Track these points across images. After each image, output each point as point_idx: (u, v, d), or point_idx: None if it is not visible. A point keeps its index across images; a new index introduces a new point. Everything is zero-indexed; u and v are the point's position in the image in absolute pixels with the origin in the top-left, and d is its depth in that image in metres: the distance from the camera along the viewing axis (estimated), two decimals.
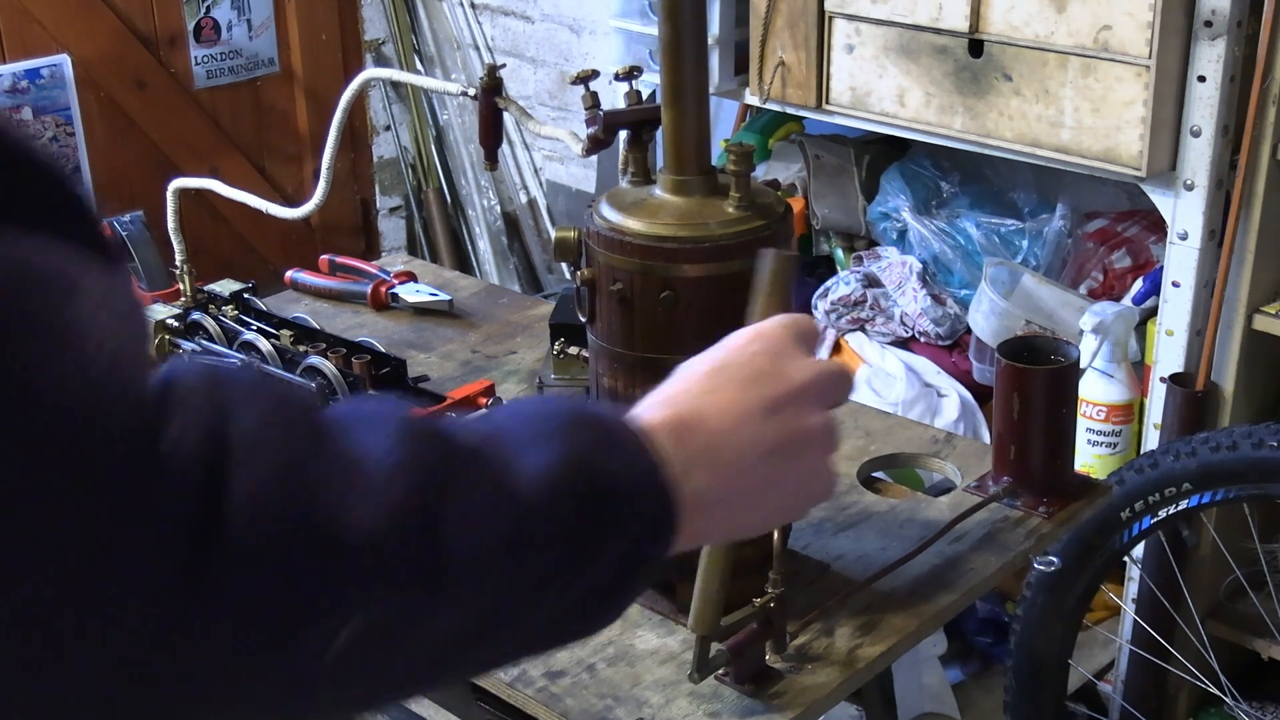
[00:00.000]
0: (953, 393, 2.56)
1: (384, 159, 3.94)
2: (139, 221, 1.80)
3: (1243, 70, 2.00)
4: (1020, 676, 2.22)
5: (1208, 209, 2.06)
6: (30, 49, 3.14)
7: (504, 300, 1.92)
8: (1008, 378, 1.33)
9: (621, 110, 1.28)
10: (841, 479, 1.42)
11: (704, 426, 0.77)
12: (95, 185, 3.28)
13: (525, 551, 0.66)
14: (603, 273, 1.14)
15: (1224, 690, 2.19)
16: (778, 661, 1.14)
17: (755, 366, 0.81)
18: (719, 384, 0.80)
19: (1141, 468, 2.04)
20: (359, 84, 1.58)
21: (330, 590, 0.58)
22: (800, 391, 0.81)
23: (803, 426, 0.81)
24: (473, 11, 3.72)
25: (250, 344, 1.60)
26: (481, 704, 1.19)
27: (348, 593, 0.58)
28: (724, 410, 0.79)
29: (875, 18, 2.28)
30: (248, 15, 3.51)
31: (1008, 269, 2.51)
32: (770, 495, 0.81)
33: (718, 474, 0.76)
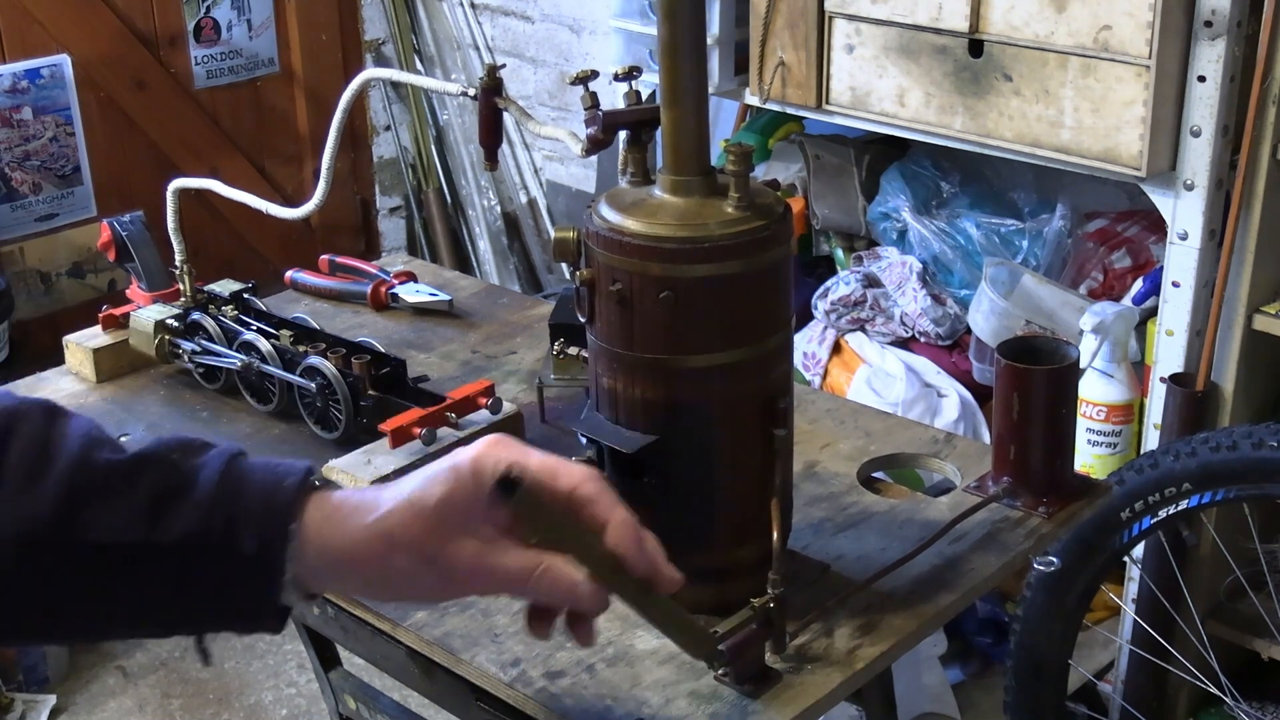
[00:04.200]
0: (953, 393, 2.57)
1: (384, 159, 3.94)
2: (139, 221, 1.79)
3: (1243, 70, 2.00)
4: (1020, 676, 2.22)
5: (1208, 209, 2.06)
6: (30, 49, 3.14)
7: (504, 300, 1.92)
8: (1008, 378, 1.33)
9: (621, 110, 1.28)
10: (841, 479, 1.42)
11: (339, 540, 0.88)
12: (95, 185, 3.28)
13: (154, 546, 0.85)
14: (602, 273, 1.14)
15: (1224, 690, 2.19)
16: (778, 661, 1.14)
17: (420, 544, 0.88)
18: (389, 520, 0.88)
19: (1141, 468, 2.04)
20: (359, 84, 1.58)
21: None
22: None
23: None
24: (473, 11, 3.72)
25: (250, 344, 1.60)
26: (481, 704, 1.19)
27: None
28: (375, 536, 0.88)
29: (875, 18, 2.28)
30: (248, 15, 3.51)
31: (1008, 269, 2.51)
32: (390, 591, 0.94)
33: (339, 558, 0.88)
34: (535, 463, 0.90)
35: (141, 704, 2.84)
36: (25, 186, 3.19)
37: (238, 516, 0.86)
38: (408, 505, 0.87)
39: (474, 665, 1.17)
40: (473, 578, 0.88)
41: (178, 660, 2.96)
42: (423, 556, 0.87)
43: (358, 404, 1.50)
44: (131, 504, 0.86)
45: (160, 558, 0.86)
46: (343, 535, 0.87)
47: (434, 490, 0.87)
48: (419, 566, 0.87)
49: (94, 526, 0.85)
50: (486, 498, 0.87)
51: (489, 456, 0.89)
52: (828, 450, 1.48)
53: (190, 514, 0.86)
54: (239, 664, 2.95)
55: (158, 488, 0.87)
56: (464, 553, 0.87)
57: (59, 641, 1.08)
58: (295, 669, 2.92)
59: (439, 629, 1.21)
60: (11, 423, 0.88)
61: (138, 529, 0.85)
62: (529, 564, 0.88)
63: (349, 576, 0.89)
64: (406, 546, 0.87)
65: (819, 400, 1.60)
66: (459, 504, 0.87)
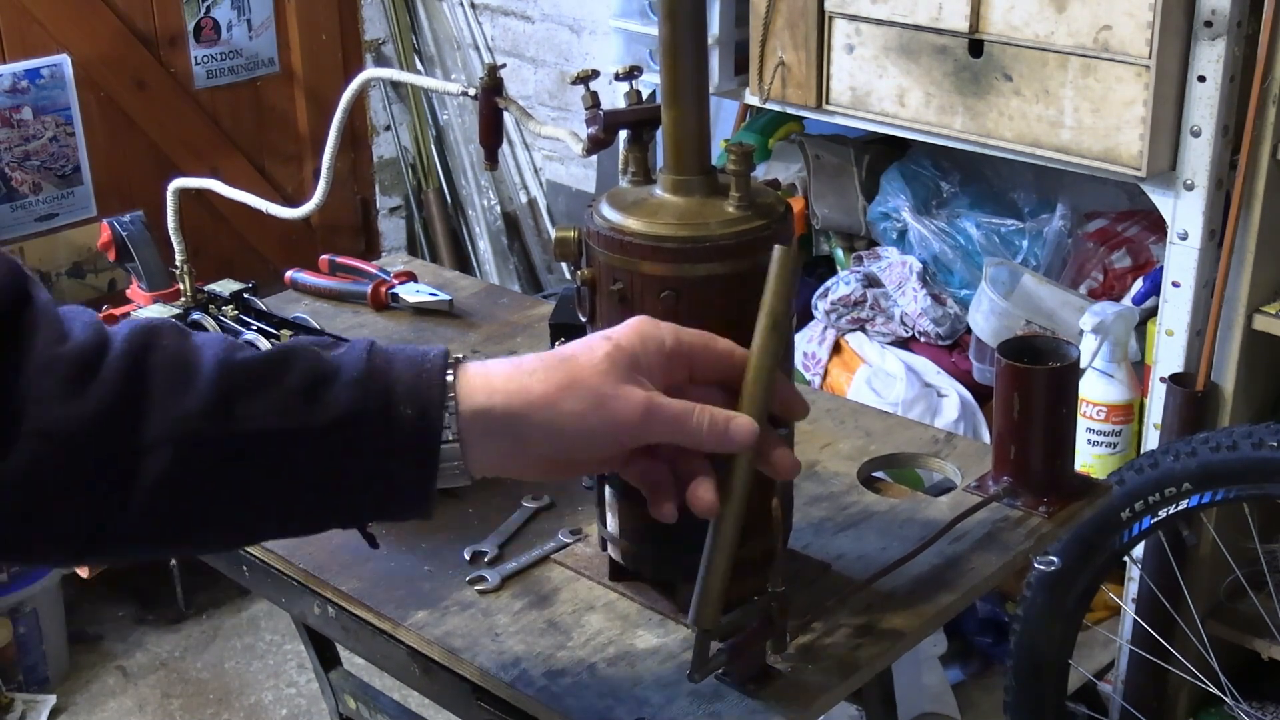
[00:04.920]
0: (953, 393, 2.57)
1: (384, 159, 3.94)
2: (139, 221, 1.79)
3: (1243, 70, 2.00)
4: (1020, 676, 2.22)
5: (1208, 209, 2.06)
6: (30, 49, 3.14)
7: (504, 300, 1.92)
8: (1008, 378, 1.33)
9: (621, 110, 1.28)
10: (841, 479, 1.42)
11: (503, 392, 0.90)
12: (95, 185, 3.28)
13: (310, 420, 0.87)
14: (603, 272, 1.14)
15: (1224, 690, 2.19)
16: (778, 661, 1.14)
17: (585, 384, 0.91)
18: (544, 378, 0.91)
19: (1141, 468, 2.04)
20: (359, 84, 1.58)
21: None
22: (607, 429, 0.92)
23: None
24: (473, 11, 3.72)
25: (251, 344, 1.60)
26: (481, 704, 1.19)
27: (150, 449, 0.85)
28: (532, 403, 0.91)
29: (875, 18, 2.28)
30: (248, 15, 3.51)
31: (1008, 269, 2.52)
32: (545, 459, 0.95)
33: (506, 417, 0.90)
34: (689, 335, 0.95)
35: (141, 704, 2.84)
36: (25, 186, 3.19)
37: (391, 390, 0.88)
38: (579, 353, 0.92)
39: (474, 665, 1.17)
40: (639, 420, 0.90)
41: (178, 660, 2.96)
42: (595, 397, 0.90)
43: None
44: (285, 391, 0.87)
45: (320, 439, 0.87)
46: (510, 381, 0.90)
47: (600, 346, 0.92)
48: (590, 408, 0.90)
49: (250, 416, 0.86)
50: (650, 356, 0.92)
51: (647, 325, 0.94)
52: (828, 450, 1.48)
53: (344, 393, 0.87)
54: (239, 664, 2.95)
55: (307, 374, 0.88)
56: (636, 394, 0.90)
57: (214, 546, 1.08)
58: (295, 669, 2.92)
59: (439, 629, 1.21)
60: (149, 336, 0.89)
61: (295, 413, 0.86)
62: (691, 405, 0.92)
63: (514, 424, 0.90)
64: (580, 387, 0.90)
65: (819, 400, 1.60)
66: (626, 355, 0.92)
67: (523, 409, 0.90)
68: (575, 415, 0.90)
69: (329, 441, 0.87)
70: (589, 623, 1.21)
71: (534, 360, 0.92)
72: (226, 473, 0.86)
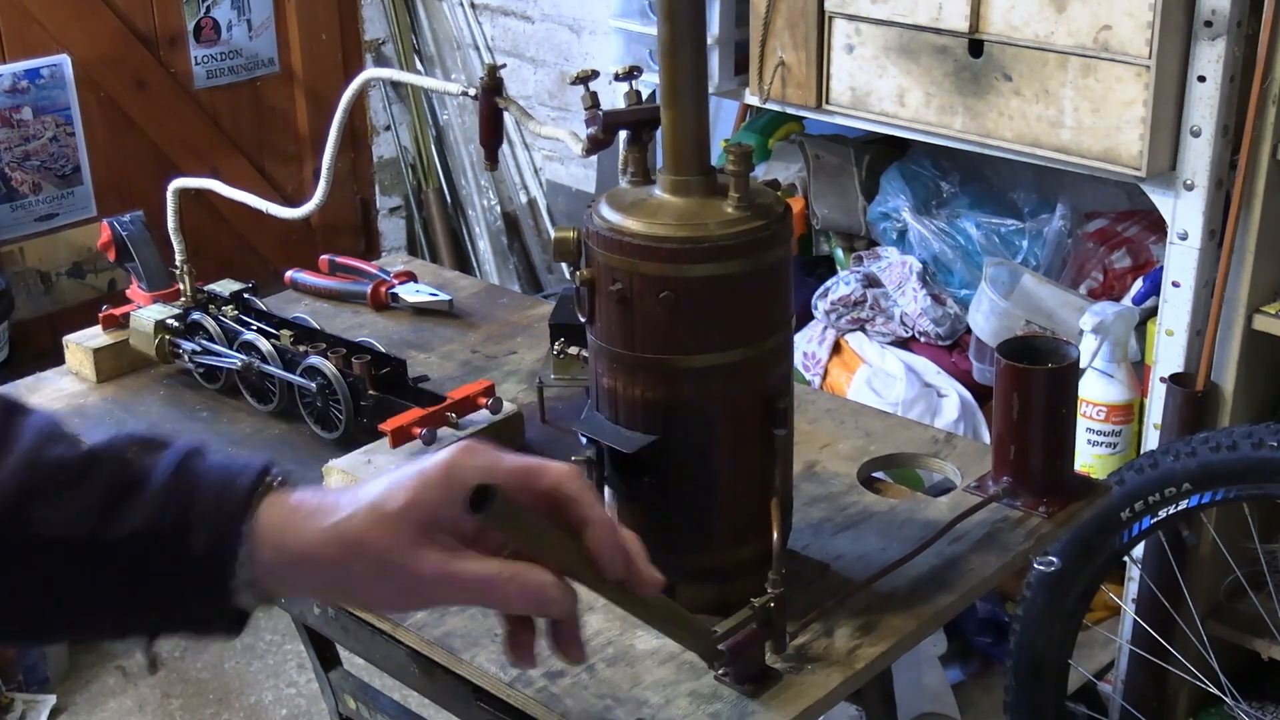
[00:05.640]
0: (953, 393, 2.56)
1: (384, 159, 3.94)
2: (139, 221, 1.79)
3: (1243, 70, 2.00)
4: (1020, 676, 2.22)
5: (1208, 209, 2.06)
6: (30, 49, 3.14)
7: (504, 300, 1.92)
8: (1008, 378, 1.33)
9: (621, 110, 1.28)
10: (841, 479, 1.42)
11: (294, 544, 0.85)
12: (95, 185, 3.28)
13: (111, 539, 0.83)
14: (602, 273, 1.14)
15: (1224, 690, 2.19)
16: (778, 661, 1.14)
17: (380, 547, 0.84)
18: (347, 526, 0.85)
19: (1141, 468, 2.04)
20: (359, 84, 1.58)
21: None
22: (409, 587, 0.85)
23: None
24: (473, 11, 3.72)
25: (250, 344, 1.60)
26: (481, 704, 1.19)
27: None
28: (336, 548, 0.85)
29: (875, 18, 2.28)
30: (248, 15, 3.51)
31: (1008, 269, 2.51)
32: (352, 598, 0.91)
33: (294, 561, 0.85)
34: (510, 466, 0.86)
35: (141, 704, 2.84)
36: (25, 186, 3.19)
37: (188, 514, 0.84)
38: (369, 510, 0.84)
39: (474, 665, 1.17)
40: (436, 586, 0.84)
41: (178, 660, 2.96)
42: (382, 564, 0.83)
43: (358, 404, 1.50)
44: (82, 499, 0.84)
45: (110, 555, 0.84)
46: (298, 537, 0.84)
47: (398, 496, 0.83)
48: (378, 574, 0.83)
49: (44, 521, 0.84)
50: (454, 507, 0.83)
51: (459, 463, 0.85)
52: (828, 450, 1.48)
53: (140, 511, 0.84)
54: (239, 664, 2.95)
55: (110, 483, 0.85)
56: (427, 562, 0.83)
57: (12, 640, 1.07)
58: (295, 669, 2.92)
59: (439, 629, 1.21)
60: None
61: (87, 524, 0.84)
62: (495, 569, 0.84)
63: (306, 580, 0.86)
64: (365, 553, 0.83)
65: (819, 400, 1.60)
66: (423, 511, 0.83)
67: (309, 570, 0.85)
68: (363, 582, 0.84)
69: (120, 557, 0.84)
70: (589, 623, 1.21)
71: (330, 512, 0.85)
72: (21, 572, 0.85)
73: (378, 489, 0.85)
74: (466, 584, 0.83)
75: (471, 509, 0.82)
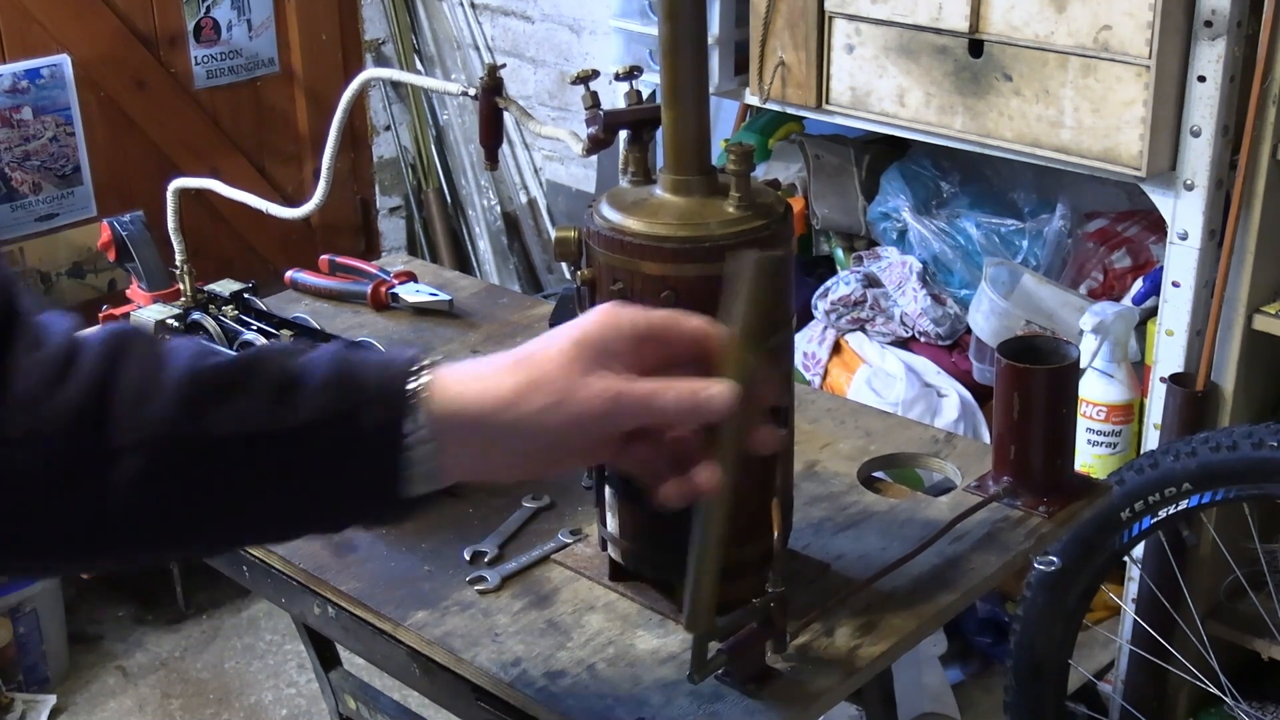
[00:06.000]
0: (953, 393, 2.57)
1: (384, 159, 3.94)
2: (139, 221, 1.80)
3: (1243, 70, 2.00)
4: (1020, 676, 2.22)
5: (1208, 209, 2.06)
6: (30, 49, 3.14)
7: (504, 300, 1.92)
8: (1008, 378, 1.33)
9: (621, 110, 1.28)
10: (841, 479, 1.42)
11: (468, 394, 0.90)
12: (95, 185, 3.28)
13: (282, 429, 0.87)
14: (603, 273, 1.14)
15: (1224, 690, 2.19)
16: (778, 661, 1.14)
17: (547, 381, 0.91)
18: (507, 379, 0.91)
19: (1141, 468, 2.04)
20: (359, 84, 1.58)
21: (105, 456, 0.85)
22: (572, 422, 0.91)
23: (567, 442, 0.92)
24: (473, 11, 3.72)
25: (250, 344, 1.60)
26: (481, 704, 1.19)
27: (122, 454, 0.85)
28: (495, 401, 0.91)
29: (875, 18, 2.28)
30: (248, 15, 3.51)
31: (1008, 269, 2.51)
32: (522, 459, 0.94)
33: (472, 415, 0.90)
34: (658, 314, 0.95)
35: (141, 704, 2.84)
36: (25, 186, 3.19)
37: (355, 395, 0.88)
38: (541, 349, 0.91)
39: (474, 665, 1.17)
40: (605, 408, 0.90)
41: (178, 660, 2.96)
42: (560, 391, 0.89)
43: None
44: (251, 397, 0.87)
45: (285, 445, 0.87)
46: (474, 386, 0.90)
47: (565, 338, 0.91)
48: (555, 404, 0.89)
49: (216, 421, 0.86)
50: (618, 341, 0.91)
51: (613, 311, 0.93)
52: (828, 450, 1.48)
53: (309, 399, 0.87)
54: (239, 664, 2.95)
55: (276, 378, 0.88)
56: (599, 383, 0.89)
57: (196, 551, 1.09)
58: (295, 669, 2.92)
59: (439, 629, 1.21)
60: (123, 342, 0.89)
61: (259, 419, 0.86)
62: (658, 383, 0.91)
63: (481, 427, 0.89)
64: (543, 383, 0.89)
65: (819, 400, 1.60)
66: (591, 347, 0.91)
67: (487, 411, 0.89)
68: (540, 411, 0.89)
69: (297, 446, 0.87)
70: (589, 623, 1.21)
71: (500, 360, 0.92)
72: (199, 477, 0.87)
73: (541, 340, 0.93)
74: (635, 398, 0.90)
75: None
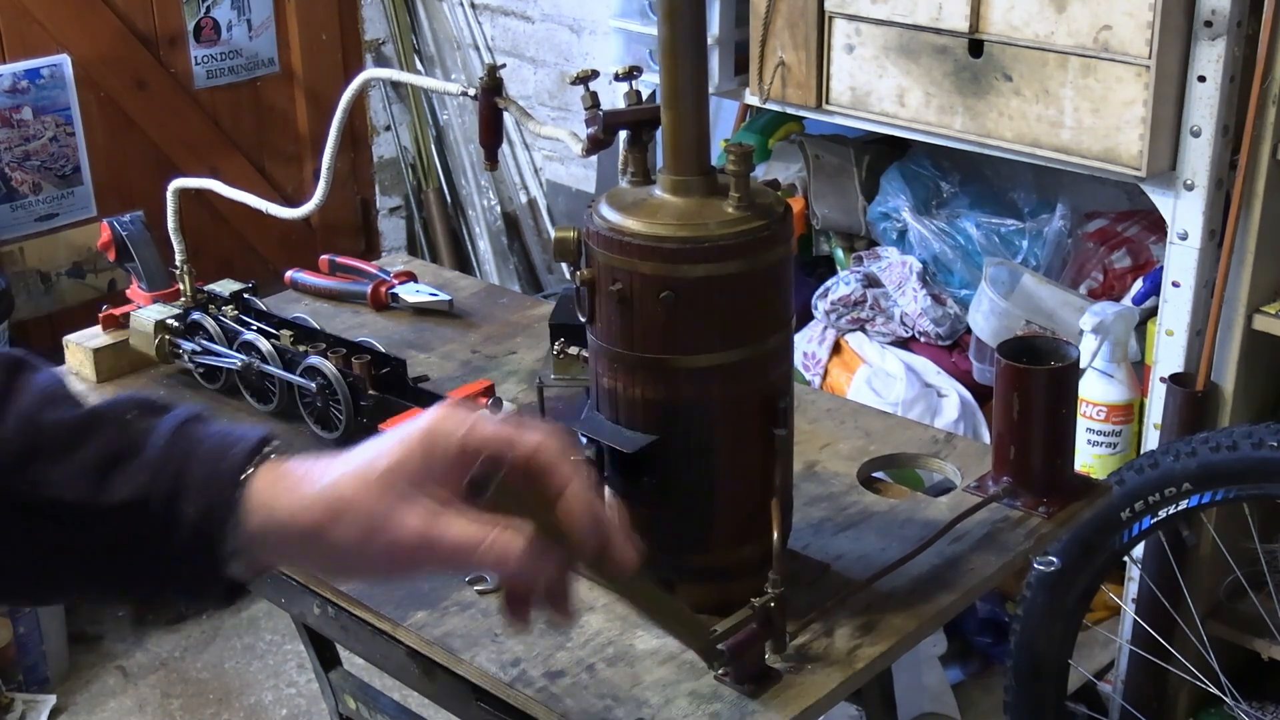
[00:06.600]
0: (953, 393, 2.56)
1: (384, 159, 3.94)
2: (139, 221, 1.79)
3: (1243, 70, 2.00)
4: (1020, 676, 2.22)
5: (1208, 209, 2.06)
6: (30, 49, 3.14)
7: (504, 300, 1.92)
8: (1008, 378, 1.33)
9: (621, 110, 1.28)
10: (841, 479, 1.42)
11: (280, 513, 0.85)
12: (95, 185, 3.28)
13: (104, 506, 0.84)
14: (602, 273, 1.14)
15: (1224, 690, 2.19)
16: (778, 661, 1.14)
17: (370, 502, 0.85)
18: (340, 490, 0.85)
19: (1141, 468, 2.04)
20: (359, 84, 1.58)
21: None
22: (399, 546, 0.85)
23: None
24: (473, 11, 3.72)
25: (250, 344, 1.60)
26: (481, 704, 1.19)
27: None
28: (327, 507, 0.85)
29: (875, 18, 2.28)
30: (248, 15, 3.51)
31: (1008, 269, 2.51)
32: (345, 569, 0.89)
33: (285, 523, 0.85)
34: (489, 431, 0.85)
35: (141, 704, 2.84)
36: (25, 186, 3.19)
37: (182, 481, 0.85)
38: (354, 472, 0.85)
39: (474, 665, 1.17)
40: (419, 550, 0.84)
41: (178, 660, 2.96)
42: (367, 525, 0.84)
43: (358, 404, 1.50)
44: (80, 462, 0.85)
45: (105, 519, 0.85)
46: (287, 503, 0.85)
47: (381, 459, 0.84)
48: (363, 536, 0.84)
49: (42, 481, 0.85)
50: (436, 468, 0.84)
51: (439, 424, 0.85)
52: (828, 450, 1.48)
53: (136, 476, 0.85)
54: (239, 664, 2.95)
55: (107, 447, 0.86)
56: (410, 523, 0.83)
57: (12, 599, 1.09)
58: (295, 669, 2.92)
59: (439, 629, 1.21)
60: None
61: (84, 487, 0.84)
62: (476, 534, 0.84)
63: (294, 546, 0.86)
64: (350, 514, 0.84)
65: (819, 400, 1.60)
66: (407, 472, 0.84)
67: (294, 536, 0.85)
68: (349, 542, 0.84)
69: (114, 522, 0.85)
70: (589, 623, 1.21)
71: (322, 472, 0.86)
72: (18, 532, 0.86)
73: (364, 454, 0.86)
74: (449, 547, 0.83)
75: (471, 492, 0.83)
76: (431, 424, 0.85)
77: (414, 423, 0.86)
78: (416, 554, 0.84)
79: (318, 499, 0.85)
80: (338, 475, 0.85)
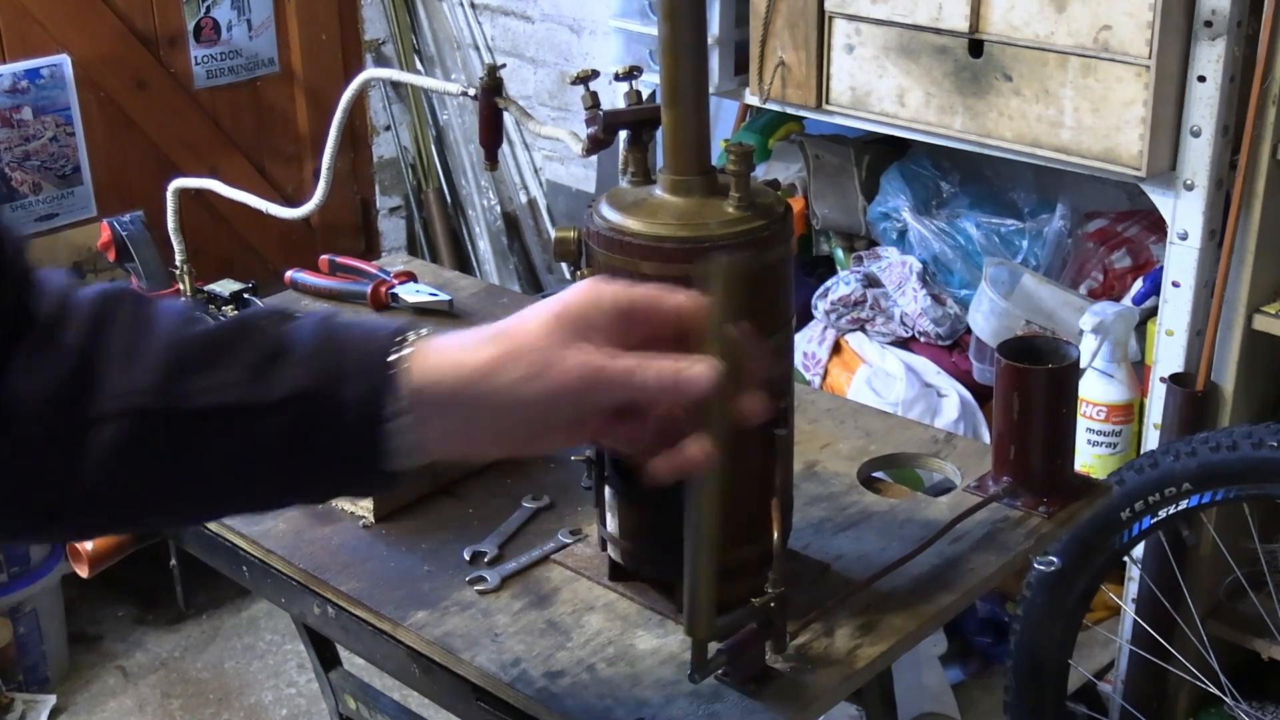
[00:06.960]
0: (953, 393, 2.57)
1: (384, 159, 3.94)
2: (139, 221, 1.80)
3: (1243, 70, 2.00)
4: (1020, 676, 2.22)
5: (1208, 209, 2.06)
6: (30, 49, 3.14)
7: (504, 300, 1.92)
8: (1008, 378, 1.33)
9: (621, 110, 1.28)
10: (841, 479, 1.42)
11: (445, 365, 0.89)
12: (95, 185, 3.28)
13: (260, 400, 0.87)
14: (603, 272, 1.14)
15: (1224, 690, 2.19)
16: (778, 661, 1.14)
17: (527, 359, 0.89)
18: (488, 349, 0.90)
19: (1141, 468, 2.04)
20: (359, 84, 1.58)
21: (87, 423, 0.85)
22: (551, 395, 0.89)
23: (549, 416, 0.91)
24: (473, 11, 3.72)
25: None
26: (481, 704, 1.19)
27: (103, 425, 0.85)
28: (474, 372, 0.89)
29: (875, 18, 2.28)
30: (248, 15, 3.51)
31: (1008, 269, 2.52)
32: (500, 432, 0.92)
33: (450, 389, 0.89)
34: (639, 291, 0.93)
35: (141, 704, 2.84)
36: (25, 186, 3.19)
37: (340, 369, 0.87)
38: (520, 320, 0.90)
39: (474, 665, 1.17)
40: (582, 382, 0.88)
41: (178, 660, 2.96)
42: (536, 361, 0.88)
43: None
44: (234, 367, 0.87)
45: (270, 417, 0.86)
46: (455, 354, 0.89)
47: (549, 305, 0.91)
48: (531, 372, 0.88)
49: (199, 392, 0.86)
50: (599, 314, 0.90)
51: (594, 285, 0.93)
52: (828, 450, 1.48)
53: (290, 371, 0.87)
54: (239, 664, 2.95)
55: (256, 351, 0.88)
56: (577, 356, 0.88)
57: (175, 520, 1.10)
58: (295, 669, 2.92)
59: (439, 629, 1.21)
60: (108, 306, 0.89)
61: (239, 391, 0.86)
62: (636, 359, 0.90)
63: (458, 398, 0.88)
64: (519, 352, 0.88)
65: (819, 400, 1.60)
66: (570, 320, 0.90)
67: (464, 381, 0.88)
68: (518, 382, 0.88)
69: (277, 419, 0.87)
70: (589, 623, 1.21)
71: (481, 331, 0.91)
72: (178, 447, 0.87)
73: (522, 313, 0.91)
74: (613, 373, 0.89)
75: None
76: (587, 287, 0.93)
77: (569, 289, 0.92)
78: (583, 389, 0.89)
79: (488, 344, 0.89)
80: (504, 324, 0.90)
